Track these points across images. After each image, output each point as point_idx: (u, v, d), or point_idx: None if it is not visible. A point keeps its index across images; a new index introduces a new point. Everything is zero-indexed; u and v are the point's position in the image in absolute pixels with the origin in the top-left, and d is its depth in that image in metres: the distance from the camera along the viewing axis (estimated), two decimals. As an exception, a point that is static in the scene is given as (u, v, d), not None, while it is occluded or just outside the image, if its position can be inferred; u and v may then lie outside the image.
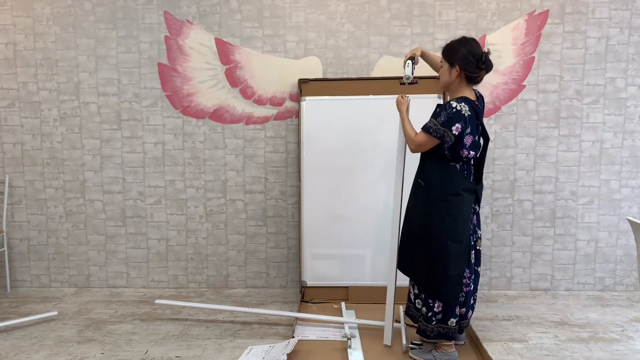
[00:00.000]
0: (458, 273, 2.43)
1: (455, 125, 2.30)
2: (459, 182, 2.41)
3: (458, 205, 2.41)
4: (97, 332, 3.00)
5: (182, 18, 3.62)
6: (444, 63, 2.45)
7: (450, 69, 2.42)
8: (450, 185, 2.40)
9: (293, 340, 2.66)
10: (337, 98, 3.49)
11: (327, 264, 3.51)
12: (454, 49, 2.41)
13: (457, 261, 2.42)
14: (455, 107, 2.32)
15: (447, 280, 2.41)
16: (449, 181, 2.41)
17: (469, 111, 2.34)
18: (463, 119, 2.31)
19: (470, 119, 2.34)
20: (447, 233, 2.40)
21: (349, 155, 3.47)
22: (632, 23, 3.52)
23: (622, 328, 3.02)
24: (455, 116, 2.31)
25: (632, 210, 3.64)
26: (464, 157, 2.39)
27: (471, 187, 2.45)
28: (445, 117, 2.32)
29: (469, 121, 2.33)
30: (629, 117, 3.59)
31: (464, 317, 2.56)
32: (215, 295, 3.67)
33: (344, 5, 3.58)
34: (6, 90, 3.72)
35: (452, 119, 2.31)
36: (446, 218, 2.39)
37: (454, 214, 2.40)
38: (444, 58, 2.46)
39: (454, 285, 2.43)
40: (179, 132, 3.72)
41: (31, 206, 3.80)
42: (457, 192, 2.40)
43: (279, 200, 3.74)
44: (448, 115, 2.32)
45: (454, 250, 2.40)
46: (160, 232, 3.79)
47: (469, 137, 2.36)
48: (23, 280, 3.87)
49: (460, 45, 2.40)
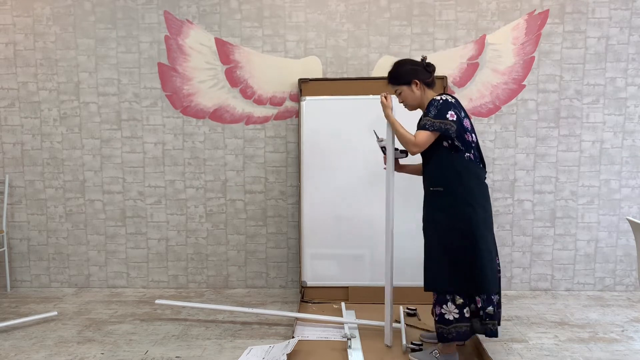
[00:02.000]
0: (494, 260, 2.42)
1: (449, 113, 2.35)
2: (477, 172, 2.42)
3: (484, 193, 2.43)
4: (97, 332, 3.00)
5: (182, 18, 3.62)
6: (401, 88, 2.51)
7: (410, 88, 2.49)
8: (471, 178, 2.39)
9: (293, 340, 2.66)
10: (337, 98, 3.48)
11: (327, 264, 3.51)
12: (399, 72, 2.51)
13: (493, 249, 2.42)
14: (439, 99, 2.40)
15: (488, 270, 2.36)
16: (467, 175, 2.39)
17: (452, 99, 2.42)
18: (452, 106, 2.38)
19: (457, 104, 2.42)
20: (483, 225, 2.37)
21: (349, 155, 3.47)
22: (632, 23, 3.52)
23: (622, 328, 3.02)
24: (444, 105, 2.37)
25: (632, 210, 3.64)
26: (472, 142, 2.41)
27: (485, 174, 2.49)
28: (436, 110, 2.36)
29: (458, 106, 2.41)
30: (629, 117, 3.59)
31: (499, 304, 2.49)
32: (215, 295, 3.67)
33: (344, 5, 3.58)
34: (6, 90, 3.72)
35: (443, 109, 2.35)
36: (479, 210, 2.37)
37: (483, 203, 2.40)
38: (397, 84, 2.52)
39: (493, 274, 2.39)
40: (179, 132, 3.72)
41: (31, 206, 3.80)
42: (478, 182, 2.41)
43: (279, 200, 3.74)
44: (437, 108, 2.36)
45: (490, 240, 2.41)
46: (160, 232, 3.79)
47: (466, 120, 2.43)
48: (23, 280, 3.87)
49: (400, 66, 2.52)
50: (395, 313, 3.17)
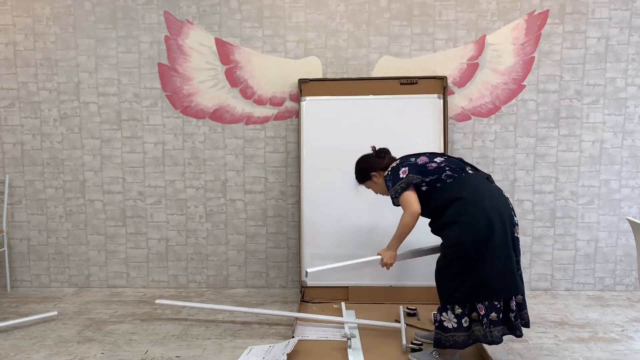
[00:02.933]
0: (507, 263, 2.33)
1: (399, 173, 2.46)
2: (459, 186, 2.39)
3: (475, 201, 2.33)
4: (97, 332, 3.00)
5: (182, 18, 3.62)
6: (368, 184, 2.72)
7: (372, 181, 2.68)
8: (449, 204, 2.37)
9: (293, 340, 2.66)
10: (337, 98, 3.49)
11: (327, 264, 3.50)
12: (359, 173, 2.73)
13: (500, 253, 2.31)
14: (389, 170, 2.55)
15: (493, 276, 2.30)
16: (450, 198, 2.37)
17: (399, 159, 2.58)
18: (398, 167, 2.49)
19: (405, 157, 2.56)
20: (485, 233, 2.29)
21: (349, 155, 3.45)
22: (632, 23, 3.52)
23: (622, 328, 3.02)
24: (394, 171, 2.49)
25: (632, 210, 3.64)
26: (440, 164, 2.45)
27: (470, 179, 2.42)
28: (391, 182, 2.49)
29: (406, 159, 2.54)
30: (629, 117, 3.59)
31: (522, 306, 2.42)
32: (215, 295, 3.67)
33: (344, 5, 3.58)
34: (6, 90, 3.72)
35: (394, 174, 2.48)
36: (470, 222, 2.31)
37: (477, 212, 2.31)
38: (364, 183, 2.74)
39: (501, 278, 2.31)
40: (179, 132, 3.72)
41: (31, 206, 3.80)
42: (470, 192, 2.35)
43: (279, 200, 3.74)
44: (391, 180, 2.49)
45: (495, 243, 2.29)
46: (160, 232, 3.79)
47: (422, 158, 2.51)
48: (23, 280, 3.87)
49: (357, 168, 2.74)
50: (395, 313, 3.17)
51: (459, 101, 3.61)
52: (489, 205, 2.33)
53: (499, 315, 2.33)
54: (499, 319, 2.33)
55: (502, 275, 2.31)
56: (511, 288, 2.32)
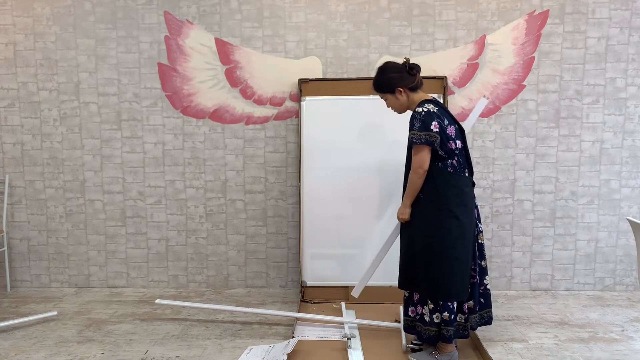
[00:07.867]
0: (467, 270, 2.50)
1: (433, 123, 2.38)
2: (457, 181, 2.45)
3: (463, 202, 2.44)
4: (97, 332, 3.00)
5: (182, 18, 3.62)
6: (385, 96, 2.57)
7: (395, 95, 2.53)
8: (449, 187, 2.43)
9: (293, 340, 2.66)
10: (337, 98, 3.49)
11: (327, 264, 3.51)
12: (381, 80, 2.54)
13: (468, 259, 2.49)
14: (421, 111, 2.42)
15: (454, 278, 2.44)
16: (444, 184, 2.43)
17: (435, 107, 2.45)
18: (435, 116, 2.40)
19: (440, 112, 2.44)
20: (458, 235, 2.43)
21: (349, 155, 3.47)
22: (632, 23, 3.52)
23: (622, 328, 3.02)
24: (427, 116, 2.40)
25: (632, 210, 3.64)
26: (455, 149, 2.45)
27: (468, 181, 2.52)
28: (420, 123, 2.40)
29: (441, 115, 2.43)
30: (629, 117, 3.59)
31: (473, 310, 2.60)
32: (215, 295, 3.67)
33: (344, 5, 3.58)
34: (6, 90, 3.72)
35: (426, 120, 2.39)
36: (452, 219, 2.42)
37: (459, 212, 2.42)
38: (382, 93, 2.58)
39: (465, 283, 2.48)
40: (179, 132, 3.72)
41: (31, 206, 3.80)
42: (458, 192, 2.44)
43: (279, 200, 3.74)
44: (421, 121, 2.40)
45: (462, 248, 2.45)
46: (160, 232, 3.79)
47: (451, 127, 2.45)
48: (23, 280, 3.87)
49: (382, 74, 2.54)
50: (395, 313, 3.17)
51: (459, 101, 3.61)
52: (461, 213, 2.44)
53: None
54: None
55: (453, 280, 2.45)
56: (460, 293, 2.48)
